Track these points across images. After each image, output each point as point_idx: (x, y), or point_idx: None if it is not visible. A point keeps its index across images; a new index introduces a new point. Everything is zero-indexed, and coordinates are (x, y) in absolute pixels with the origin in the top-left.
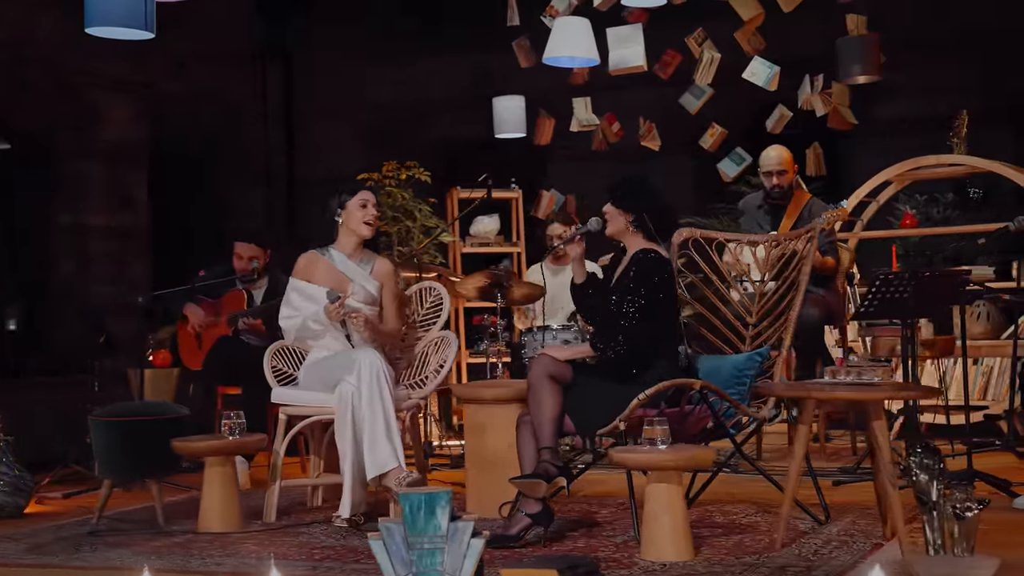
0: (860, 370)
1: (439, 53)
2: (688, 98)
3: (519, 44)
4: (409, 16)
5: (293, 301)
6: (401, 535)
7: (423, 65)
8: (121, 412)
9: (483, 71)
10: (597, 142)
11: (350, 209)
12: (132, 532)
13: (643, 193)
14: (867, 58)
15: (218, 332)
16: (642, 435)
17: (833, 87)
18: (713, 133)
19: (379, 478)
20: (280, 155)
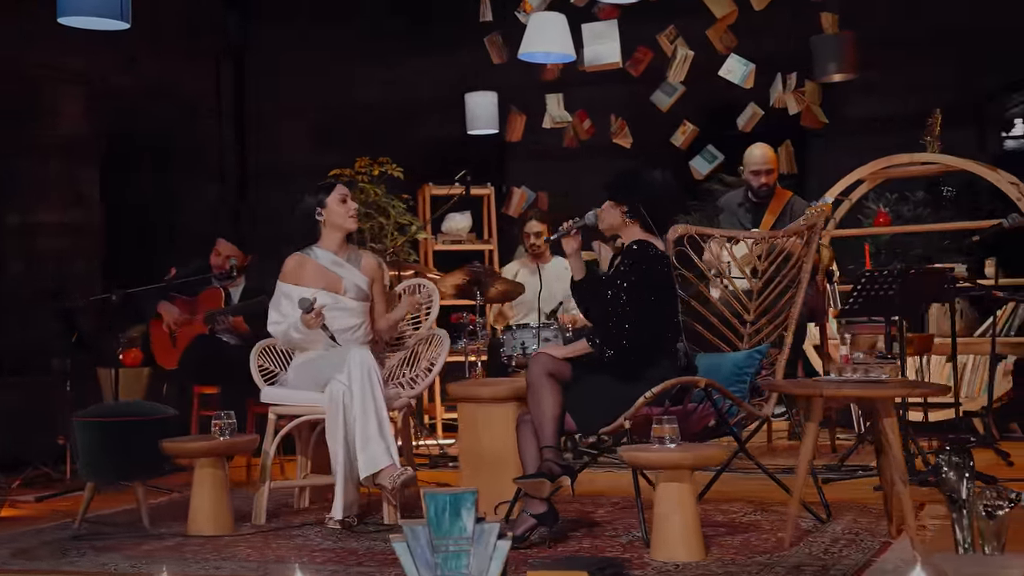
0: (867, 367)
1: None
2: (659, 95)
3: (491, 40)
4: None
5: (282, 306)
6: (426, 537)
7: (409, 64)
8: (105, 413)
9: (457, 69)
10: (568, 139)
11: (331, 206)
12: (118, 536)
13: (637, 185)
14: (842, 56)
15: (194, 331)
16: (651, 433)
17: (806, 85)
18: (685, 131)
19: (372, 477)
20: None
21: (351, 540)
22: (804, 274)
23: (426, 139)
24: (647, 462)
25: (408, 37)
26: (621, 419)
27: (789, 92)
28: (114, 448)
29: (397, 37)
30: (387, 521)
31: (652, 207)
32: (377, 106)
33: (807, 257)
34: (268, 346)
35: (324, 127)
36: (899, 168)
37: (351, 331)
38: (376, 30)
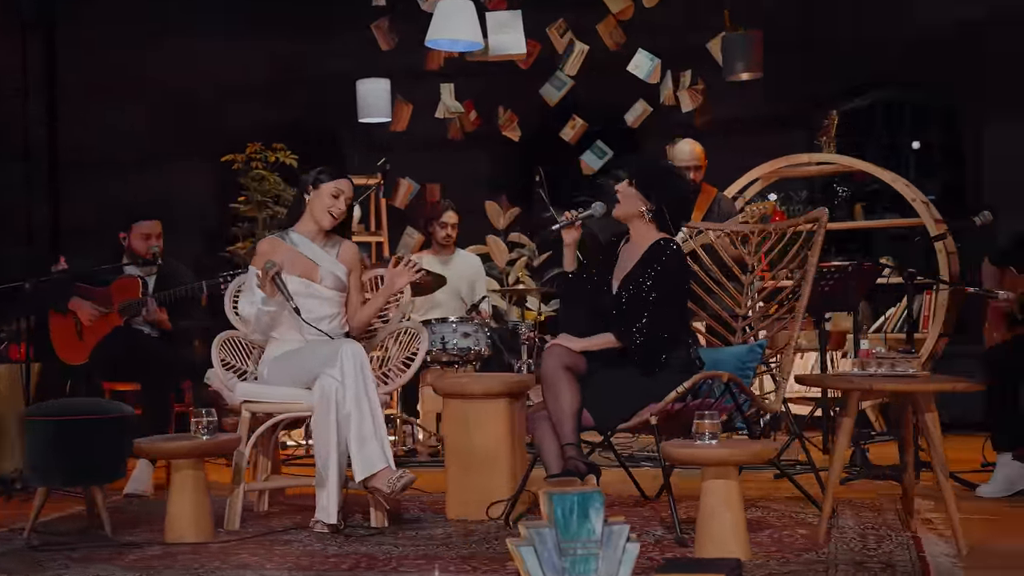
0: (893, 362)
1: (236, 36)
2: (549, 89)
3: (378, 26)
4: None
5: (255, 291)
6: (553, 540)
7: (224, 47)
8: (58, 411)
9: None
10: (454, 130)
11: (322, 192)
12: (82, 546)
13: (670, 185)
14: (750, 55)
15: (108, 323)
16: (694, 429)
17: (699, 83)
18: (574, 125)
19: (365, 480)
20: (41, 131)
21: (354, 544)
22: (810, 267)
23: (257, 122)
24: (695, 458)
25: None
26: (647, 414)
27: (684, 89)
28: (70, 449)
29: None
30: (374, 524)
31: (678, 205)
32: (203, 87)
33: (813, 251)
34: (229, 339)
35: (145, 106)
36: (797, 168)
37: (325, 321)
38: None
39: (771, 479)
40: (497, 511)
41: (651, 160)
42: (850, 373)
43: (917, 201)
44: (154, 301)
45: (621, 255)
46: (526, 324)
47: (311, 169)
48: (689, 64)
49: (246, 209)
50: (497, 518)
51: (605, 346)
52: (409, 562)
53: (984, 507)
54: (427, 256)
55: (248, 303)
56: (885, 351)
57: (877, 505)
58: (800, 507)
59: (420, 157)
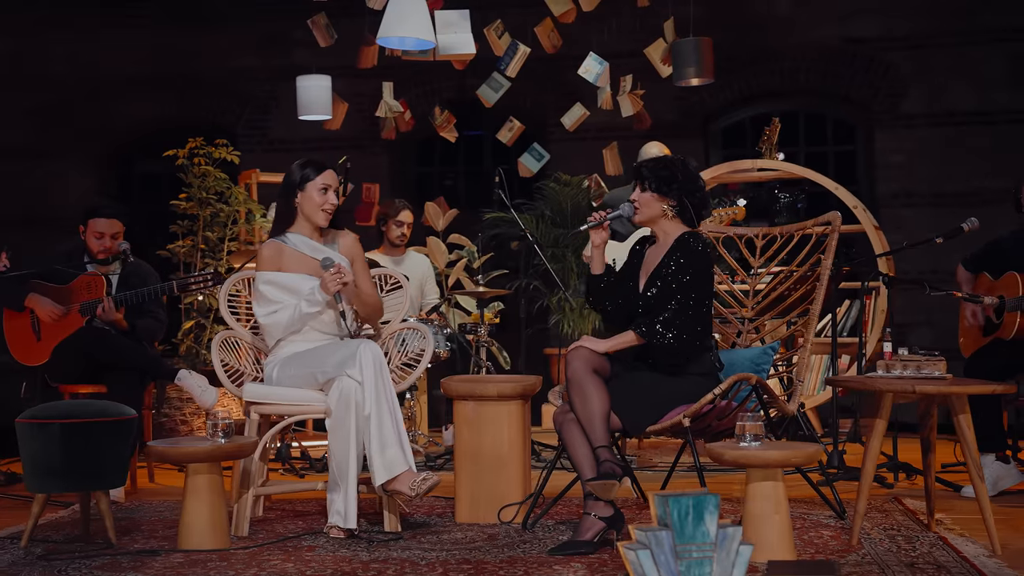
0: (919, 364)
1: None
2: (486, 90)
3: (315, 22)
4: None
5: (270, 295)
6: (670, 544)
7: (103, 38)
8: (57, 413)
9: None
10: (387, 130)
11: (309, 191)
12: (91, 554)
13: (687, 178)
14: (702, 61)
15: (68, 322)
16: (737, 431)
17: (638, 87)
18: (511, 127)
19: (385, 483)
20: None
21: (382, 549)
22: (824, 271)
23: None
24: (745, 460)
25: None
26: (681, 417)
27: (625, 94)
28: (76, 454)
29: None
30: (387, 528)
31: (699, 199)
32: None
33: (827, 254)
34: (227, 339)
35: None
36: (740, 174)
37: (340, 321)
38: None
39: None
40: (509, 515)
41: (658, 158)
42: (877, 375)
43: (859, 208)
44: (111, 300)
45: (648, 256)
46: (486, 327)
47: (295, 170)
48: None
49: (187, 206)
50: (509, 522)
51: (627, 345)
52: (455, 567)
53: (973, 506)
54: (379, 256)
55: (270, 312)
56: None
57: (877, 505)
58: (805, 508)
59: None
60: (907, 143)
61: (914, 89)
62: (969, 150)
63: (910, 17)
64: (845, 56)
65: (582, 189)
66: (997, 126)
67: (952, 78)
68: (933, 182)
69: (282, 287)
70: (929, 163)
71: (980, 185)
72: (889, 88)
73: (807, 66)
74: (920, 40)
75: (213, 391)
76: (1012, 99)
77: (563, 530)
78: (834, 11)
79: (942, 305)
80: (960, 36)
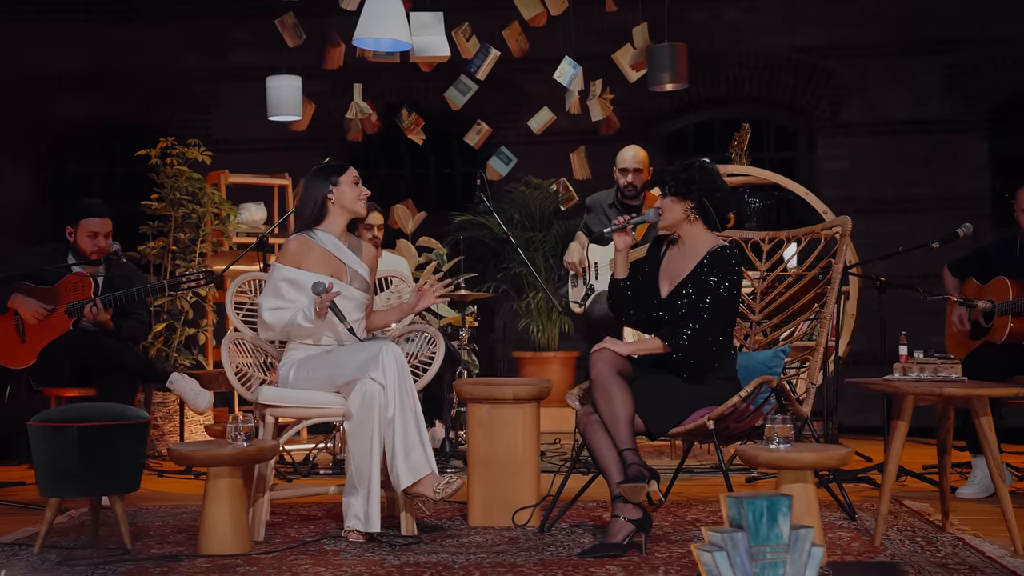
0: (936, 367)
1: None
2: (453, 92)
3: (283, 22)
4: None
5: (283, 291)
6: (745, 546)
7: (33, 34)
8: (73, 416)
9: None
10: (354, 132)
11: (343, 186)
12: (112, 559)
13: (703, 178)
14: (676, 66)
15: (53, 324)
16: (766, 433)
17: (606, 92)
18: (479, 130)
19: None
20: None
21: (408, 554)
22: (835, 274)
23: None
24: (780, 462)
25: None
26: (704, 418)
27: (595, 98)
28: (93, 457)
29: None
30: (404, 532)
31: (720, 201)
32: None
33: (838, 257)
34: (237, 340)
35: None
36: None
37: (356, 324)
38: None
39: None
40: (523, 518)
41: (677, 163)
42: (895, 378)
43: (828, 213)
44: (100, 301)
45: (669, 257)
46: (467, 330)
47: (317, 173)
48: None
49: (159, 207)
50: (523, 525)
51: (653, 351)
52: (490, 570)
53: (972, 507)
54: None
55: (275, 307)
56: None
57: (868, 506)
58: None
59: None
60: (848, 150)
61: (854, 98)
62: (906, 158)
63: (852, 27)
64: (789, 64)
65: (550, 193)
66: (933, 135)
67: (891, 88)
68: (874, 188)
69: (299, 286)
70: (869, 170)
71: (919, 192)
72: (831, 96)
73: (751, 74)
74: (861, 50)
75: (206, 395)
76: (947, 109)
77: (580, 533)
78: (779, 20)
79: (917, 308)
80: (899, 47)
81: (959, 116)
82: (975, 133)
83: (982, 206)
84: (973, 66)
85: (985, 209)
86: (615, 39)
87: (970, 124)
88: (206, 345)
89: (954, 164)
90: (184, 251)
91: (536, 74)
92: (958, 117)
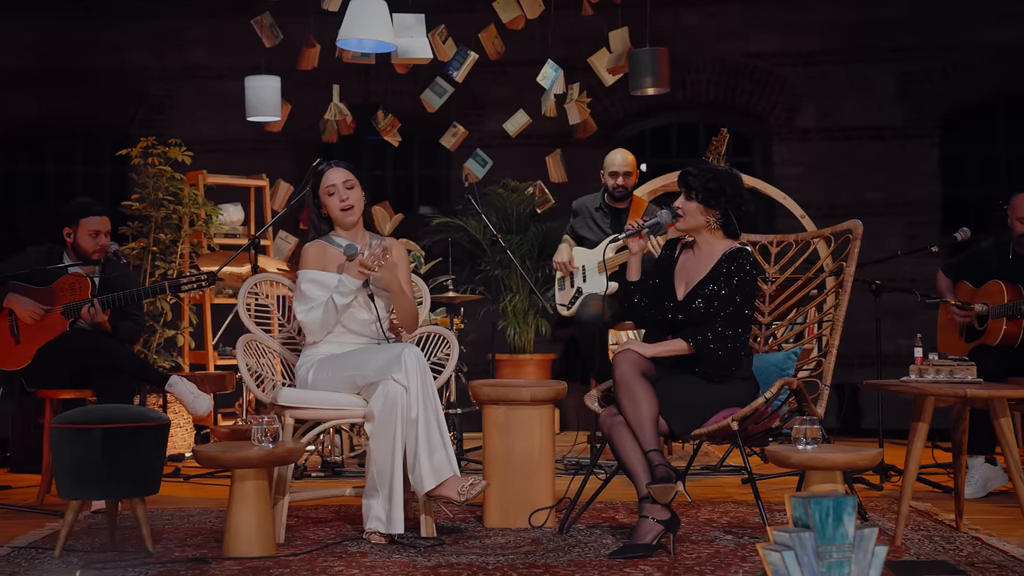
0: (952, 368)
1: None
2: (430, 95)
3: (259, 22)
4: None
5: (310, 293)
6: (812, 545)
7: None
8: (96, 418)
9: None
10: (329, 133)
11: (322, 199)
12: (137, 563)
13: (735, 191)
14: (659, 71)
15: (49, 325)
16: (794, 434)
17: (581, 95)
18: (455, 132)
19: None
20: None
21: (436, 556)
22: (847, 277)
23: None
24: (812, 462)
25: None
26: (729, 420)
27: (573, 102)
28: (117, 459)
29: None
30: (424, 533)
31: (743, 212)
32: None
33: (849, 261)
34: (251, 342)
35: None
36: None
37: (378, 323)
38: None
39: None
40: (539, 519)
41: (706, 168)
42: (911, 380)
43: (806, 218)
44: (97, 302)
45: (683, 260)
46: (455, 332)
47: (311, 175)
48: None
49: (139, 207)
50: (540, 526)
51: (676, 353)
52: (524, 571)
53: (972, 507)
54: None
55: (308, 308)
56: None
57: (884, 507)
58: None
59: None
60: (803, 156)
61: (809, 104)
62: (860, 163)
63: (807, 35)
64: (745, 70)
65: (527, 196)
66: (886, 141)
67: (845, 94)
68: (829, 193)
69: (324, 286)
70: (824, 175)
71: (872, 197)
72: (786, 102)
73: (708, 79)
74: (815, 57)
75: (206, 398)
76: (900, 116)
77: (599, 534)
78: (736, 27)
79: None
80: (852, 55)
81: (911, 123)
82: (927, 139)
83: (933, 211)
84: (924, 74)
85: (936, 214)
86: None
87: (921, 131)
88: (183, 348)
89: (906, 169)
90: (165, 252)
91: (502, 77)
92: (910, 124)
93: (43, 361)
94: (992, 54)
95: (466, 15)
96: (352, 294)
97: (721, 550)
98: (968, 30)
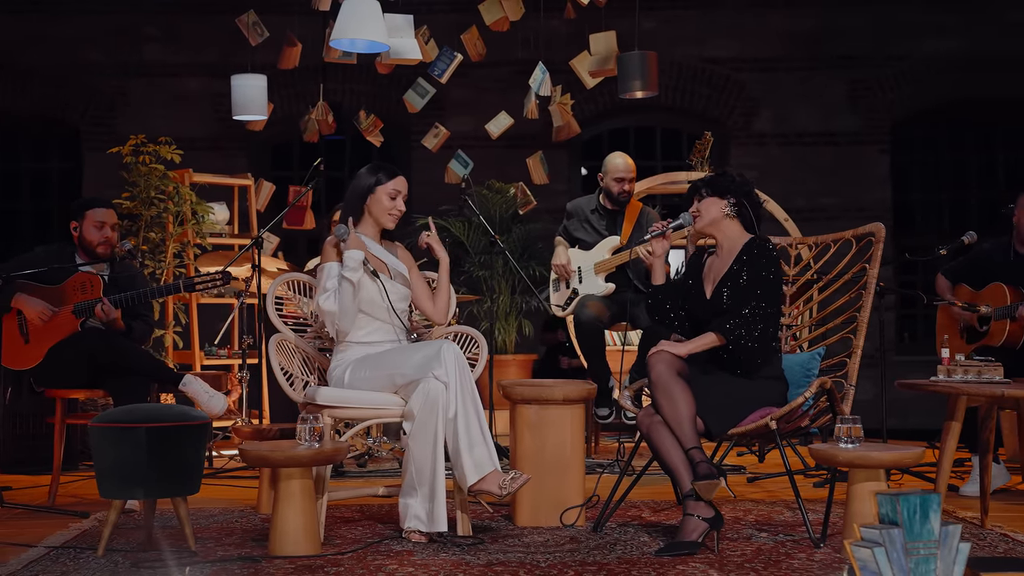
0: (980, 369)
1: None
2: (412, 95)
3: (242, 21)
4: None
5: (329, 285)
6: (901, 542)
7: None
8: (140, 417)
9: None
10: (310, 133)
11: (379, 195)
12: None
13: (742, 182)
14: (647, 74)
15: (59, 324)
16: (836, 433)
17: (563, 98)
18: (437, 133)
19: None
20: None
21: (480, 553)
22: (870, 279)
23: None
24: (860, 461)
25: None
26: (768, 419)
27: (556, 104)
28: (162, 458)
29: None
30: (460, 532)
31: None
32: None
33: (872, 263)
34: (282, 341)
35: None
36: (673, 186)
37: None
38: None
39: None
40: (570, 518)
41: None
42: (940, 380)
43: (789, 221)
44: (108, 301)
45: (709, 264)
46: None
47: (365, 174)
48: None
49: (130, 205)
50: (571, 525)
51: (709, 346)
52: (575, 568)
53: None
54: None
55: (324, 299)
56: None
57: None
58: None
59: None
60: (759, 160)
61: (765, 109)
62: (814, 168)
63: (762, 41)
64: (703, 75)
65: (509, 197)
66: (839, 147)
67: (800, 100)
68: (784, 198)
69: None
70: (779, 179)
71: (826, 202)
72: (743, 107)
73: (665, 83)
74: (771, 63)
75: (221, 397)
76: (852, 122)
77: (632, 532)
78: (692, 32)
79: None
80: (807, 62)
81: (863, 129)
82: (878, 146)
83: (885, 216)
84: (876, 82)
85: (888, 219)
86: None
87: (873, 137)
88: (168, 348)
89: (859, 175)
90: (154, 251)
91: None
92: (862, 130)
93: (55, 360)
94: (940, 64)
95: (440, 16)
96: (359, 266)
97: (763, 548)
98: (913, 40)
